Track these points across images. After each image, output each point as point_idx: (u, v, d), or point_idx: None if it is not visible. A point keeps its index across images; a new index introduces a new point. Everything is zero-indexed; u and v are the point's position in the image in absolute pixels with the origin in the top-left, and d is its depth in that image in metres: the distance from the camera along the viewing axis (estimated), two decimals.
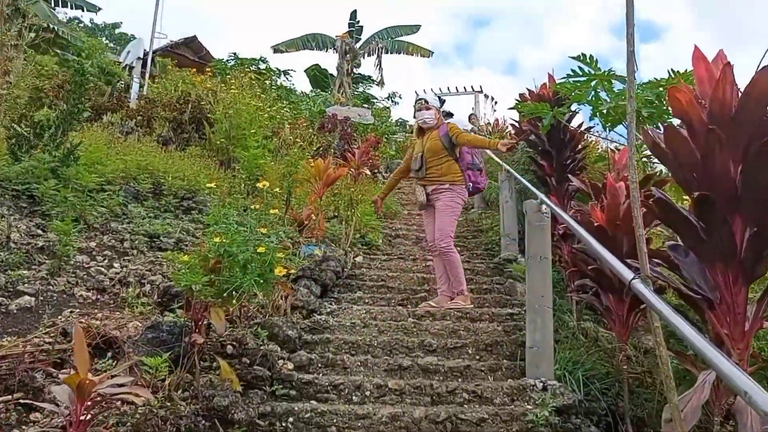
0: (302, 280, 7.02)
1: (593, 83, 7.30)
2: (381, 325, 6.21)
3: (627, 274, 3.25)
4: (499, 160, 9.97)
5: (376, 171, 15.67)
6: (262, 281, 4.56)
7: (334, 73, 27.32)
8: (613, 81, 7.28)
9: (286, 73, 28.23)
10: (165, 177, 9.36)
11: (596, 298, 5.81)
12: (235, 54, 27.27)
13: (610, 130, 7.89)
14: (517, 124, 11.54)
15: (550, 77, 9.48)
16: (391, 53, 28.96)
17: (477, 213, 12.34)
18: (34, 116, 8.07)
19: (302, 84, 42.47)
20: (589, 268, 5.57)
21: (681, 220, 3.89)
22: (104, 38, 41.61)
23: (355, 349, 5.74)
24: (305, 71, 32.38)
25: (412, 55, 28.92)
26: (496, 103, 30.33)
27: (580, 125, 9.40)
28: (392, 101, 36.78)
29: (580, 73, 7.19)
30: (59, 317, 5.04)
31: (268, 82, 15.36)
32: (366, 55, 28.70)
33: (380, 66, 28.64)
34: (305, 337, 5.82)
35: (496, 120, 22.74)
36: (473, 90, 31.37)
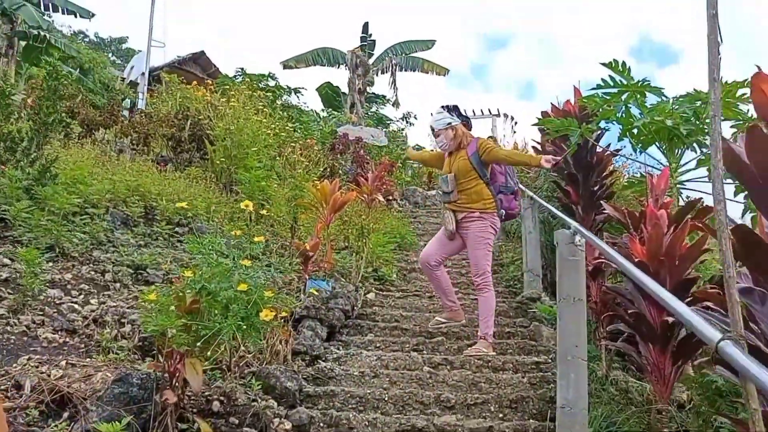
0: (306, 321, 6.43)
1: (624, 96, 6.77)
2: (393, 375, 5.61)
3: (712, 333, 2.57)
4: (521, 186, 9.39)
5: (390, 198, 15.10)
6: (246, 326, 3.94)
7: (346, 90, 26.79)
8: (647, 94, 6.76)
9: (296, 91, 27.72)
10: (158, 200, 8.83)
11: (632, 347, 5.17)
12: (242, 69, 26.89)
13: (641, 152, 7.33)
14: (539, 146, 10.99)
15: (576, 91, 8.95)
16: (405, 70, 28.49)
17: (497, 245, 11.69)
18: (3, 128, 7.43)
19: (314, 103, 42.05)
20: (629, 312, 4.93)
21: None
22: (110, 54, 41.57)
23: (363, 404, 5.14)
24: (317, 89, 31.95)
25: (428, 72, 28.42)
26: (515, 123, 29.52)
27: (607, 147, 8.83)
28: (407, 122, 36.32)
29: (611, 84, 6.66)
30: (14, 365, 4.41)
31: (272, 96, 14.69)
32: (379, 72, 28.21)
33: (394, 84, 28.15)
34: (307, 389, 5.22)
35: (515, 144, 22.02)
36: (491, 113, 30.80)
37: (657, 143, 7.06)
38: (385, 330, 7.03)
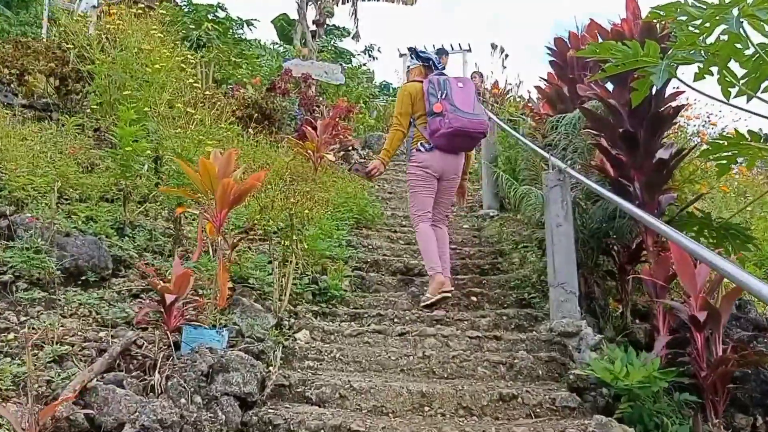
0: None
1: (736, 9, 3.31)
2: None
3: None
4: (541, 151, 5.82)
5: (349, 149, 11.35)
6: None
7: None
8: None
9: (249, 23, 23.81)
10: None
11: None
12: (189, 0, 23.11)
13: (749, 99, 3.81)
14: (546, 87, 7.48)
15: (630, 1, 5.23)
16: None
17: (494, 223, 8.01)
18: None
19: (270, 38, 37.87)
20: None
21: None
22: None
23: None
24: (272, 22, 28.04)
25: (393, 2, 24.33)
26: (506, 57, 24.84)
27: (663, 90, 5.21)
28: (370, 55, 32.41)
29: None
30: None
31: (164, 13, 10.62)
32: (340, 2, 24.10)
33: (356, 14, 24.15)
34: None
35: (495, 83, 17.59)
36: (461, 48, 27.00)
37: None
38: None
